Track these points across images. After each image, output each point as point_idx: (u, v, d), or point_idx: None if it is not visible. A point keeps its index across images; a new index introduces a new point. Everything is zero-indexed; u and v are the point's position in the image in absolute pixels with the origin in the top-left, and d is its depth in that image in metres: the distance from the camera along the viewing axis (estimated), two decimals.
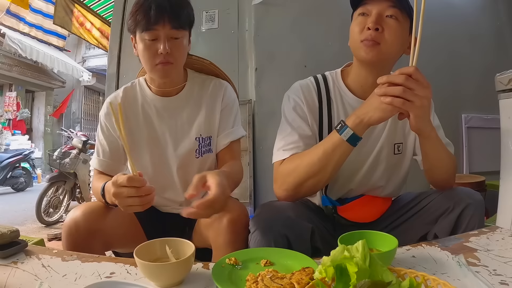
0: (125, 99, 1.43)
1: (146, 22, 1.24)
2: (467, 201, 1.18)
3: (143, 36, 1.26)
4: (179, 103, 1.43)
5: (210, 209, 0.99)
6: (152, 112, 1.42)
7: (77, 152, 5.10)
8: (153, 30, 1.24)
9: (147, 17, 1.23)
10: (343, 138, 1.11)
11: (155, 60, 1.28)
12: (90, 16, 5.68)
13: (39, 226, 4.71)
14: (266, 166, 1.38)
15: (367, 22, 1.20)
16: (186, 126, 1.42)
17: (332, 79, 1.38)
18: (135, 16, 1.26)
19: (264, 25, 2.89)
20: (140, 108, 1.43)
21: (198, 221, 1.38)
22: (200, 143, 1.43)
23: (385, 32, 1.19)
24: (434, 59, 3.02)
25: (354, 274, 0.60)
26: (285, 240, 1.04)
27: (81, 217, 1.21)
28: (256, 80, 2.85)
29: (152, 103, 1.42)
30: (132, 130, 1.41)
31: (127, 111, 1.41)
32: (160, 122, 1.42)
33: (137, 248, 0.91)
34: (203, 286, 0.87)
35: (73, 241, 1.19)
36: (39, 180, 9.16)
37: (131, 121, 1.41)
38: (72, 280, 0.90)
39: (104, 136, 1.43)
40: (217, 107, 1.45)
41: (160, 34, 1.25)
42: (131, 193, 1.05)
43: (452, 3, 3.34)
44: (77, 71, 11.40)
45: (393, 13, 1.19)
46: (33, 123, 11.98)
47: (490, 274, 0.87)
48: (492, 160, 1.48)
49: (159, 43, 1.25)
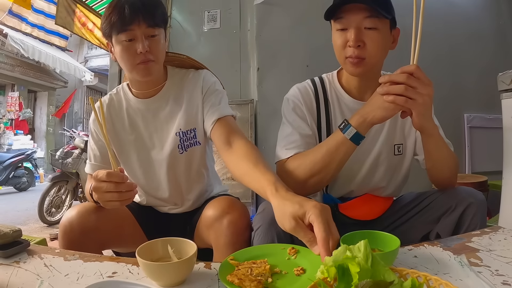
0: (111, 104, 1.44)
1: (122, 23, 1.23)
2: (469, 200, 1.18)
3: (119, 38, 1.24)
4: (160, 102, 1.41)
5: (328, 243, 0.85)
6: (137, 116, 1.42)
7: (79, 152, 5.10)
8: (130, 30, 1.23)
9: (121, 18, 1.22)
10: (347, 136, 1.12)
11: (135, 60, 1.27)
12: (92, 16, 5.68)
13: (42, 225, 4.72)
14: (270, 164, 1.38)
15: (347, 37, 1.20)
16: (167, 124, 1.41)
17: (329, 81, 1.40)
18: (109, 18, 1.24)
19: (266, 25, 2.90)
20: (125, 113, 1.43)
21: (199, 222, 1.37)
22: (181, 137, 1.40)
23: (368, 46, 1.19)
24: (436, 59, 3.02)
25: (356, 274, 0.60)
26: (288, 236, 1.04)
27: (76, 217, 1.22)
28: (258, 80, 2.85)
29: (136, 106, 1.42)
30: (119, 135, 1.42)
31: (112, 116, 1.43)
32: (145, 124, 1.42)
33: (139, 247, 0.91)
34: (205, 286, 0.87)
35: (68, 240, 1.20)
36: (41, 180, 9.19)
37: (117, 126, 1.43)
38: (74, 279, 0.90)
39: (94, 141, 1.45)
40: (197, 96, 1.41)
41: (137, 33, 1.24)
42: (110, 188, 1.06)
43: (454, 2, 3.34)
44: (79, 71, 11.42)
45: (372, 24, 1.18)
46: (35, 123, 12.01)
47: (492, 274, 0.87)
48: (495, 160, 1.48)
49: (137, 43, 1.25)
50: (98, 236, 1.25)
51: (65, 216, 1.24)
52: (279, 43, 2.89)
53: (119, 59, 1.30)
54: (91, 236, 1.22)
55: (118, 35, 1.24)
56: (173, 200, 1.48)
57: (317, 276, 0.66)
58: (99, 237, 1.25)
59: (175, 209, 1.50)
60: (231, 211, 1.22)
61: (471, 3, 3.43)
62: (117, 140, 1.43)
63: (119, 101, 1.45)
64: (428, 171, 1.32)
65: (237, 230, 1.19)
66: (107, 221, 1.29)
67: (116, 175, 1.07)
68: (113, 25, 1.24)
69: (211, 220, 1.24)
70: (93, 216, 1.24)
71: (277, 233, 1.06)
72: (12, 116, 10.44)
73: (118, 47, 1.26)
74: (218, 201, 1.29)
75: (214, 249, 1.24)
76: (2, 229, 1.04)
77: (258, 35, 2.88)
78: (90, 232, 1.22)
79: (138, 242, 1.11)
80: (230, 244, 1.17)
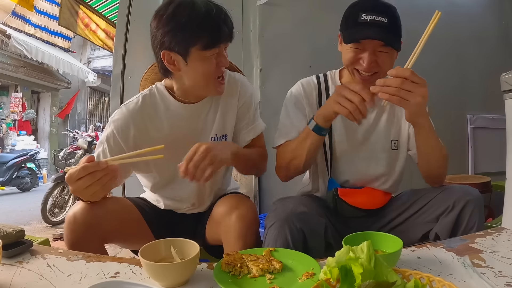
0: (144, 109, 1.37)
1: (213, 40, 1.21)
2: (466, 198, 1.22)
3: (205, 53, 1.22)
4: (203, 108, 1.40)
5: (195, 164, 1.11)
6: (178, 119, 1.38)
7: (82, 153, 5.13)
8: (218, 47, 1.24)
9: (215, 35, 1.21)
10: (309, 127, 1.29)
11: (217, 74, 1.29)
12: (95, 17, 5.71)
13: (45, 226, 4.74)
14: (271, 166, 1.38)
15: (361, 55, 1.27)
16: (205, 128, 1.41)
17: (331, 78, 1.51)
18: (193, 31, 1.20)
19: (269, 26, 2.89)
20: (164, 116, 1.38)
21: (210, 219, 1.39)
22: (215, 142, 1.41)
23: (380, 63, 1.27)
24: (439, 59, 3.01)
25: (359, 275, 0.60)
26: (301, 234, 1.11)
27: (80, 210, 1.22)
28: (261, 81, 2.85)
29: (178, 110, 1.38)
30: (153, 138, 1.35)
31: (145, 119, 1.37)
32: (186, 127, 1.39)
33: (142, 248, 0.91)
34: (208, 286, 0.88)
35: (71, 231, 1.20)
36: (44, 180, 9.20)
37: (151, 129, 1.37)
38: (77, 279, 0.90)
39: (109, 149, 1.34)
40: (232, 105, 1.42)
41: (222, 49, 1.27)
42: (89, 182, 1.05)
43: (457, 2, 3.33)
44: (82, 72, 11.46)
45: (385, 49, 1.26)
46: (38, 124, 12.05)
47: (496, 275, 0.86)
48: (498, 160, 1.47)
49: (220, 58, 1.26)
50: (101, 230, 1.25)
51: (71, 210, 1.25)
52: (282, 44, 2.88)
53: (196, 73, 1.27)
54: (94, 229, 1.22)
55: (204, 50, 1.22)
56: (192, 201, 1.48)
57: (320, 277, 0.66)
58: (102, 230, 1.26)
59: (192, 210, 1.50)
60: (239, 206, 1.26)
61: (475, 3, 3.42)
62: (150, 143, 1.26)
63: (155, 103, 1.38)
64: (419, 165, 1.40)
65: (245, 224, 1.22)
66: (111, 215, 1.29)
67: (91, 166, 1.04)
68: (198, 40, 1.20)
69: (221, 216, 1.28)
70: (97, 210, 1.24)
71: (290, 230, 1.10)
72: (16, 117, 10.48)
73: (199, 61, 1.24)
74: (227, 198, 1.35)
75: (224, 243, 1.27)
76: (5, 229, 1.04)
77: (261, 36, 2.88)
78: (93, 225, 1.22)
79: (143, 239, 1.11)
80: (239, 238, 1.20)
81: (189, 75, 1.28)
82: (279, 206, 1.21)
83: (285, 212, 1.15)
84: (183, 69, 1.26)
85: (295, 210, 1.16)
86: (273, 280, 0.88)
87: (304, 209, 1.18)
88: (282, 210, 1.17)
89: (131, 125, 1.34)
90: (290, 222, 1.11)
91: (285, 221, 1.11)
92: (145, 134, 1.36)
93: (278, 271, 0.91)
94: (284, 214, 1.14)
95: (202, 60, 1.23)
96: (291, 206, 1.18)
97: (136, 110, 1.36)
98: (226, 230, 1.24)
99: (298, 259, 0.97)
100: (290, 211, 1.15)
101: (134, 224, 1.41)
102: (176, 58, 1.24)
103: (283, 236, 1.10)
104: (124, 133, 1.34)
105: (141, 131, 1.35)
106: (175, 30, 1.19)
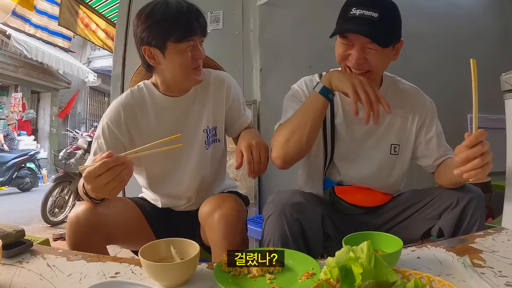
0: (134, 101, 1.43)
1: (184, 33, 1.29)
2: (470, 195, 1.23)
3: (180, 46, 1.30)
4: (188, 100, 1.46)
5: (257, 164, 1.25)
6: (164, 113, 1.44)
7: (82, 153, 5.12)
8: (191, 40, 1.31)
9: (185, 28, 1.29)
10: (316, 90, 1.26)
11: (192, 66, 1.35)
12: (95, 17, 5.70)
13: (45, 226, 4.74)
14: (271, 166, 1.38)
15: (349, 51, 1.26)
16: (196, 120, 1.46)
17: None
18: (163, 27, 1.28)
19: (269, 26, 2.89)
20: (151, 109, 1.43)
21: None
22: (208, 134, 1.48)
23: (370, 61, 1.25)
24: (439, 59, 3.01)
25: (359, 275, 0.60)
26: (298, 224, 1.12)
27: (82, 211, 1.22)
28: (261, 81, 2.85)
29: (163, 103, 1.44)
30: (142, 131, 1.41)
31: (135, 108, 1.42)
32: (174, 121, 1.44)
33: (142, 248, 0.91)
34: (208, 286, 0.88)
35: (74, 232, 1.20)
36: (44, 180, 9.20)
37: (141, 122, 1.42)
38: (77, 279, 0.90)
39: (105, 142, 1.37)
40: (221, 97, 1.50)
41: (196, 42, 1.34)
42: (109, 178, 1.01)
43: (457, 3, 3.33)
44: (82, 72, 11.46)
45: (373, 46, 1.23)
46: (38, 124, 12.06)
47: (496, 275, 0.86)
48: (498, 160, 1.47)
49: (195, 50, 1.34)
50: (104, 231, 1.25)
51: (73, 211, 1.25)
52: (282, 43, 2.88)
53: (174, 65, 1.34)
54: (97, 230, 1.22)
55: (178, 43, 1.30)
56: (188, 195, 1.49)
57: (320, 277, 0.66)
58: (105, 231, 1.26)
59: (190, 206, 1.51)
60: (222, 205, 1.25)
61: (475, 3, 3.42)
62: (140, 136, 1.40)
63: (142, 97, 1.45)
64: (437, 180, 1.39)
65: (228, 223, 1.22)
66: (114, 216, 1.30)
67: (111, 161, 1.01)
68: (172, 34, 1.28)
69: (205, 217, 1.28)
70: (99, 210, 1.25)
71: (287, 220, 1.12)
72: (16, 117, 10.47)
73: (175, 54, 1.32)
74: (212, 198, 1.33)
75: (210, 244, 1.27)
76: (5, 229, 1.04)
77: (261, 36, 2.88)
78: (96, 226, 1.22)
79: (145, 239, 1.11)
80: (223, 238, 1.20)
81: (168, 67, 1.36)
82: (275, 197, 1.21)
83: (281, 203, 1.15)
84: (162, 63, 1.35)
85: (291, 200, 1.17)
86: (273, 280, 0.88)
87: (300, 199, 1.18)
88: (279, 200, 1.17)
89: (122, 112, 1.39)
90: (287, 213, 1.12)
91: (282, 211, 1.13)
92: (136, 124, 1.41)
93: (278, 271, 0.92)
94: (280, 205, 1.15)
95: (178, 53, 1.32)
96: (287, 197, 1.18)
97: (126, 101, 1.43)
98: (210, 230, 1.25)
99: (298, 259, 0.97)
100: (286, 201, 1.16)
101: (136, 224, 1.42)
102: (155, 52, 1.33)
103: (280, 226, 1.12)
104: (117, 122, 1.38)
105: (131, 119, 1.40)
106: (152, 26, 1.30)
